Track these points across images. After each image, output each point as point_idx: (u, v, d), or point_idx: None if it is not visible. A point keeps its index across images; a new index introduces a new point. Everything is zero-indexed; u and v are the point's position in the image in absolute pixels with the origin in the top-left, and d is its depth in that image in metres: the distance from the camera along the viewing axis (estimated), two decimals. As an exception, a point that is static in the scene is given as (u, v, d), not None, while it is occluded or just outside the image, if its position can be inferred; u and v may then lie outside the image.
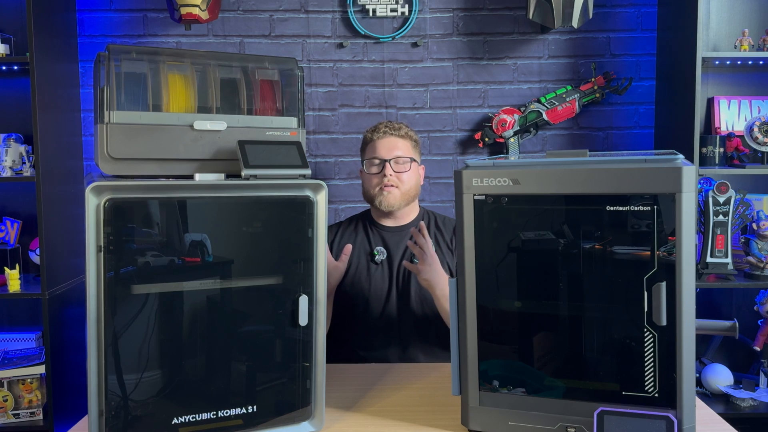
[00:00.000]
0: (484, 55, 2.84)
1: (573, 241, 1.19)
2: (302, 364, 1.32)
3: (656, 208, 1.13)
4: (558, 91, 2.78)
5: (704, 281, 2.46)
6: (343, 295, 2.00)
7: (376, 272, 2.01)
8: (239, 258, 1.28)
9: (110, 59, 1.25)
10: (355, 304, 1.99)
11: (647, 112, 2.85)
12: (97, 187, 1.14)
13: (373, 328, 1.98)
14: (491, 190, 1.22)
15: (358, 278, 2.01)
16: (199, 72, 1.35)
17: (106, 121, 1.24)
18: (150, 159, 1.28)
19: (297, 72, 1.42)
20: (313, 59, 2.82)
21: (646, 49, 2.83)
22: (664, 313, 1.13)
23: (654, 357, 1.15)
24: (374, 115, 2.82)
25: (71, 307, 2.61)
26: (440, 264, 1.84)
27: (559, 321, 1.23)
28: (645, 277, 1.14)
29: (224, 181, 1.27)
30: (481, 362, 1.27)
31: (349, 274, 2.01)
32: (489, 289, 1.25)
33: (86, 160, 2.77)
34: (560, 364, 1.23)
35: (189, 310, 1.24)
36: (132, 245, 1.18)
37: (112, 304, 1.16)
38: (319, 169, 2.85)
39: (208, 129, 1.31)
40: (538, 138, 2.86)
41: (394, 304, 1.98)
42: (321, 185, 1.30)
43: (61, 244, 2.54)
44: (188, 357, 1.25)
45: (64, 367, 2.55)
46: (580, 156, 1.23)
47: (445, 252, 2.05)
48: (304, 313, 1.30)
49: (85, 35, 2.78)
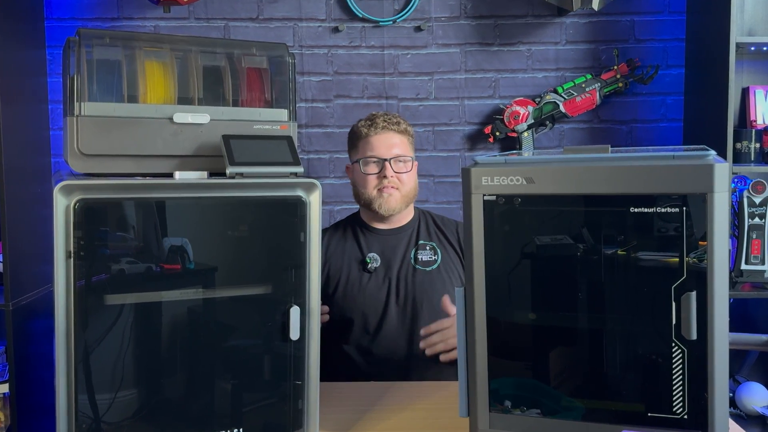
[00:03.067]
0: (494, 41, 2.84)
1: (593, 246, 1.19)
2: (294, 383, 1.32)
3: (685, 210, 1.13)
4: (576, 81, 2.79)
5: (738, 290, 2.46)
6: (335, 309, 1.98)
7: (370, 282, 1.99)
8: (224, 265, 1.28)
9: (81, 45, 1.25)
10: (349, 319, 1.98)
11: (675, 104, 2.86)
12: (67, 187, 1.14)
13: (371, 344, 1.97)
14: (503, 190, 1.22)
15: (350, 290, 1.99)
16: (180, 59, 1.35)
17: (77, 114, 1.24)
18: (125, 155, 1.28)
19: (288, 59, 1.43)
20: (305, 45, 2.82)
21: (674, 34, 2.84)
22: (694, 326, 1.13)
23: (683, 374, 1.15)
24: (373, 107, 2.82)
25: (38, 320, 2.60)
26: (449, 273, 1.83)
27: (578, 335, 1.23)
28: (673, 286, 1.14)
29: (207, 179, 1.27)
30: (492, 380, 1.27)
31: (339, 287, 2.00)
32: (500, 299, 1.25)
33: (54, 157, 2.77)
34: (579, 383, 1.23)
35: (168, 323, 1.24)
36: (105, 251, 1.18)
37: (82, 316, 1.16)
38: (312, 167, 2.85)
39: (190, 122, 1.31)
40: (555, 132, 2.86)
41: (393, 317, 1.97)
42: (314, 184, 1.30)
43: (27, 250, 2.54)
44: (167, 375, 1.25)
45: (30, 385, 2.55)
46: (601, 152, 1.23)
47: (451, 253, 2.04)
48: (296, 326, 1.30)
49: (53, 18, 2.78)
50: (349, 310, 1.97)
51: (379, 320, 1.97)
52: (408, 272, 2.00)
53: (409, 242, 2.04)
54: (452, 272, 2.02)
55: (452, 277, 2.01)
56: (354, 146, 2.08)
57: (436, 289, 1.97)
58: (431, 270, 2.01)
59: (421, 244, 2.04)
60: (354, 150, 2.08)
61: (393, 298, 1.98)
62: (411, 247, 2.04)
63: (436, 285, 1.99)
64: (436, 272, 2.01)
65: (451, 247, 2.06)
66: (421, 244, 2.04)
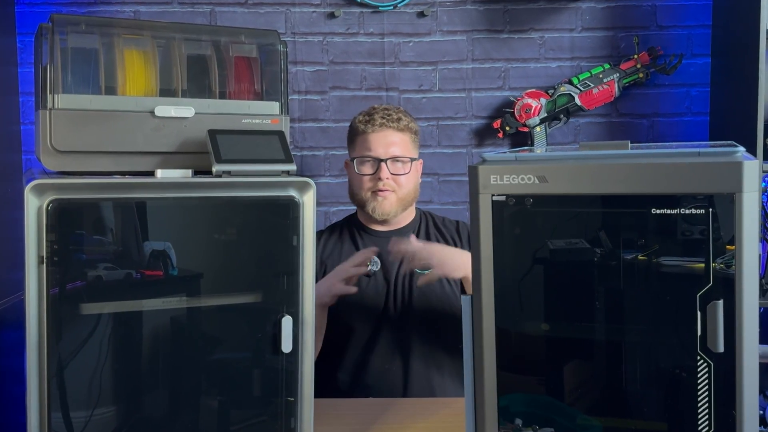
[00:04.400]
0: (504, 27, 2.85)
1: (611, 251, 1.19)
2: (285, 399, 1.33)
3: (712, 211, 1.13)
4: (593, 71, 2.79)
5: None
6: (331, 315, 1.99)
7: (369, 286, 2.00)
8: (210, 271, 1.28)
9: (54, 32, 1.25)
10: (346, 325, 1.98)
11: (701, 96, 2.86)
12: (39, 186, 1.14)
13: (369, 354, 1.97)
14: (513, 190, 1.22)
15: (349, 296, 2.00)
16: (162, 47, 1.35)
17: (50, 107, 1.24)
18: (102, 152, 1.28)
19: (279, 47, 1.43)
20: (298, 32, 2.82)
21: (699, 20, 2.84)
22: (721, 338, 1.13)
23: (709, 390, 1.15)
24: (372, 99, 2.82)
25: (7, 330, 2.60)
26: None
27: (595, 347, 1.23)
28: (698, 295, 1.14)
29: (191, 178, 1.28)
30: (501, 397, 1.27)
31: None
32: (510, 308, 1.25)
33: (26, 154, 2.77)
34: (596, 400, 1.23)
35: (149, 334, 1.25)
36: (81, 256, 1.18)
37: (56, 327, 1.16)
38: (306, 165, 2.85)
39: (173, 116, 1.31)
40: (570, 127, 2.87)
41: (392, 324, 1.98)
42: (308, 184, 1.30)
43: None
44: (148, 391, 1.25)
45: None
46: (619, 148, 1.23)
47: None
48: (288, 338, 1.30)
49: (24, 3, 2.79)
50: (347, 316, 1.98)
51: (376, 328, 1.97)
52: (407, 277, 2.00)
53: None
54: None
55: (451, 283, 2.02)
56: (352, 142, 2.09)
57: (435, 293, 1.98)
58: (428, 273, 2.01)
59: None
60: (351, 146, 2.09)
61: (391, 305, 1.99)
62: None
63: (434, 289, 2.00)
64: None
65: None
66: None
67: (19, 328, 2.84)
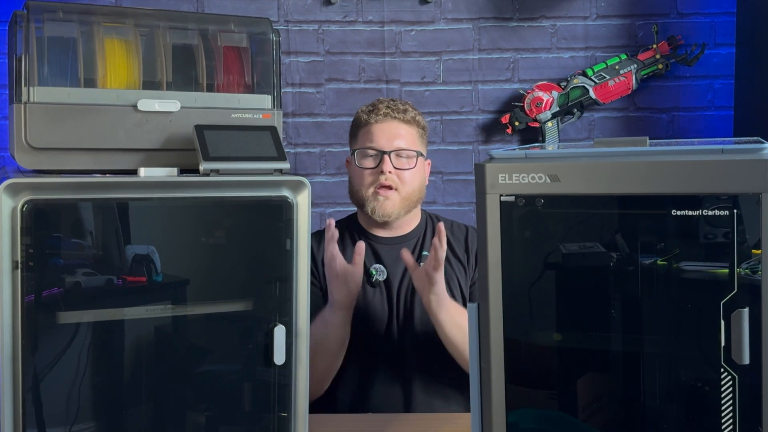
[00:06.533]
0: (513, 15, 2.85)
1: (628, 255, 1.19)
2: (278, 415, 1.33)
3: (736, 213, 1.13)
4: (609, 62, 2.79)
5: (799, 307, 2.46)
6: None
7: (374, 296, 2.00)
8: (197, 277, 1.29)
9: (29, 20, 1.26)
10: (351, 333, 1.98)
11: (724, 88, 2.86)
12: (13, 186, 1.14)
13: (370, 369, 1.97)
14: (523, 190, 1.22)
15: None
16: (145, 36, 1.35)
17: (25, 100, 1.24)
18: (81, 149, 1.28)
19: (271, 36, 1.43)
20: (292, 20, 2.83)
21: (723, 7, 2.84)
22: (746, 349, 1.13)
23: (733, 405, 1.15)
24: (371, 92, 2.82)
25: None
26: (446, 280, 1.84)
27: (611, 359, 1.23)
28: (722, 302, 1.14)
29: (177, 177, 1.28)
30: (510, 412, 1.27)
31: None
32: (520, 317, 1.25)
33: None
34: (612, 415, 1.23)
35: (131, 345, 1.25)
36: (58, 260, 1.18)
37: (32, 337, 1.16)
38: (301, 162, 2.86)
39: (157, 110, 1.32)
40: (584, 122, 2.87)
41: (395, 336, 1.98)
42: (302, 183, 1.30)
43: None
44: (130, 405, 1.25)
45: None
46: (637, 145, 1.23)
47: (456, 267, 2.05)
48: (281, 349, 1.31)
49: (-3, -11, 2.79)
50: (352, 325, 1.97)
51: (380, 340, 1.97)
52: (410, 288, 2.00)
53: (413, 254, 2.05)
54: (455, 287, 2.03)
55: (455, 292, 2.01)
56: (354, 135, 2.08)
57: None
58: None
59: (425, 256, 2.04)
60: (353, 140, 2.08)
61: (395, 317, 1.99)
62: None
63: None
64: None
65: (455, 259, 2.06)
66: (425, 255, 2.04)
67: (-9, 338, 2.82)
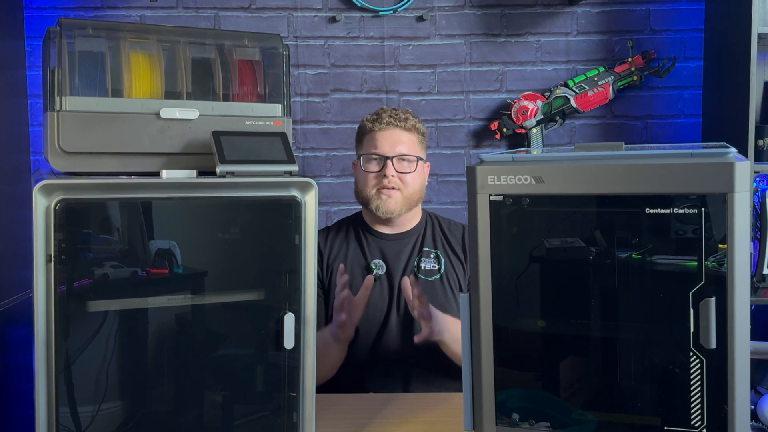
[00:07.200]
0: (501, 31, 2.85)
1: (606, 249, 1.19)
2: (288, 394, 1.33)
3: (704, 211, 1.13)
4: (588, 74, 2.79)
5: (761, 296, 2.46)
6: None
7: (375, 290, 1.99)
8: (214, 269, 1.28)
9: (62, 36, 1.25)
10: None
11: (693, 98, 2.86)
12: (47, 186, 1.14)
13: (370, 356, 1.97)
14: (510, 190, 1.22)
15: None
16: (167, 51, 1.35)
17: (58, 109, 1.24)
18: (109, 153, 1.28)
19: (282, 51, 1.43)
20: (300, 36, 2.82)
21: (692, 24, 2.84)
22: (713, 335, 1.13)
23: (701, 386, 1.15)
24: (372, 102, 2.82)
25: (16, 327, 2.60)
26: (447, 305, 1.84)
27: (590, 343, 1.23)
28: (691, 292, 1.14)
29: (196, 179, 1.28)
30: (499, 392, 1.26)
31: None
32: (507, 306, 1.25)
33: (34, 155, 2.77)
34: (591, 394, 1.23)
35: (155, 331, 1.25)
36: (88, 254, 1.18)
37: (64, 324, 1.16)
38: (308, 165, 2.85)
39: (177, 118, 1.31)
40: (566, 128, 2.87)
41: (394, 328, 1.97)
42: (310, 184, 1.30)
43: (4, 253, 2.54)
44: (154, 386, 1.25)
45: (8, 397, 2.55)
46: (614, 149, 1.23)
47: (455, 262, 2.05)
48: (290, 335, 1.30)
49: (32, 8, 2.79)
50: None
51: (379, 330, 1.97)
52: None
53: (413, 249, 2.04)
54: (454, 283, 2.03)
55: (454, 288, 2.01)
56: (359, 141, 2.08)
57: (438, 300, 1.97)
58: (433, 280, 2.01)
59: (425, 251, 2.04)
60: (359, 145, 2.08)
61: (394, 308, 1.98)
62: (415, 255, 2.03)
63: (437, 296, 1.99)
64: (438, 283, 2.01)
65: (455, 256, 2.05)
66: (425, 251, 2.04)
67: (27, 325, 2.85)
